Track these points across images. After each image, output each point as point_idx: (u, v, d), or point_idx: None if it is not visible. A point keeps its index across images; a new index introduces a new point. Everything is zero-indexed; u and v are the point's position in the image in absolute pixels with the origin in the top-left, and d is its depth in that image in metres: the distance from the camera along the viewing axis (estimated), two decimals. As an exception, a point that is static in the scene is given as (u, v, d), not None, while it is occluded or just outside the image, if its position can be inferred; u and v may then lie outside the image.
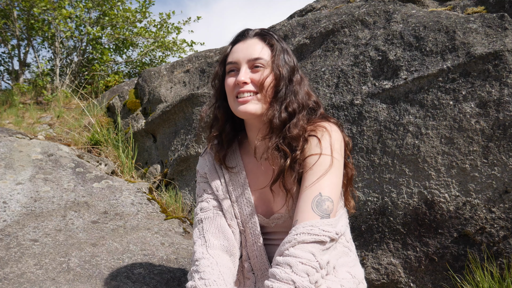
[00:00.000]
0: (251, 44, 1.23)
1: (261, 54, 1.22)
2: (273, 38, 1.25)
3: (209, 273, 1.14)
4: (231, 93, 1.23)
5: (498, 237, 1.67)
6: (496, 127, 1.68)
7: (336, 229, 1.09)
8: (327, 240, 1.07)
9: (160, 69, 3.67)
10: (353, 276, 1.22)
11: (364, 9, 2.27)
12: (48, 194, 2.54)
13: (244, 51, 1.22)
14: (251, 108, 1.20)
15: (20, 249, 1.97)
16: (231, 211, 1.30)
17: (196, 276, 1.14)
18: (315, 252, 1.05)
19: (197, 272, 1.15)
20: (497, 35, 1.77)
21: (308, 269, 1.02)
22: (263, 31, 1.27)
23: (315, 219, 1.08)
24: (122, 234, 2.23)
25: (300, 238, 1.06)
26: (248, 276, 1.32)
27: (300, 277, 1.01)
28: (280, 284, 1.01)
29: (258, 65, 1.21)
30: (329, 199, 1.11)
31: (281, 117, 1.19)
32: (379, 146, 1.93)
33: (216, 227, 1.27)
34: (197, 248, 1.24)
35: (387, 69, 1.99)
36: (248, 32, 1.27)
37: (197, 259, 1.20)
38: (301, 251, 1.04)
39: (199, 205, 1.33)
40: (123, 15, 6.39)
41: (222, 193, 1.31)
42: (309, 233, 1.06)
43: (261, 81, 1.19)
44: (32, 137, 3.40)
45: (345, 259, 1.26)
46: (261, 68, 1.21)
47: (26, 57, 6.65)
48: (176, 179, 3.07)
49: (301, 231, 1.07)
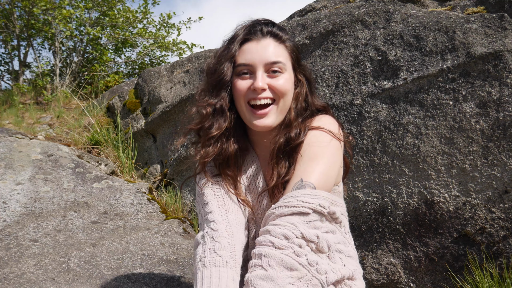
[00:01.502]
0: (266, 45, 1.14)
1: (278, 57, 1.13)
2: (287, 36, 1.19)
3: (224, 248, 1.05)
4: (243, 98, 1.15)
5: (498, 237, 1.67)
6: (496, 127, 1.68)
7: (319, 201, 1.00)
8: (308, 212, 0.98)
9: (160, 69, 3.67)
10: (343, 264, 1.13)
11: (364, 9, 2.27)
12: (48, 194, 2.54)
13: (260, 53, 1.13)
14: (269, 121, 1.13)
15: (20, 249, 1.97)
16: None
17: (210, 244, 1.06)
18: (296, 223, 0.97)
19: (212, 240, 1.07)
20: (497, 35, 1.77)
21: (287, 232, 0.95)
22: (274, 30, 1.17)
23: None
24: (122, 234, 2.23)
25: (278, 211, 1.00)
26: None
27: (278, 239, 0.95)
28: (260, 247, 0.95)
29: (276, 69, 1.13)
30: (310, 184, 1.04)
31: (294, 118, 1.16)
32: (379, 146, 1.93)
33: (231, 196, 1.20)
34: (213, 208, 1.14)
35: (387, 69, 1.99)
36: (261, 30, 1.16)
37: (214, 221, 1.10)
38: (280, 221, 0.98)
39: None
40: (123, 15, 6.39)
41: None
42: (286, 205, 0.99)
43: (281, 88, 1.13)
44: (32, 137, 3.40)
45: (343, 248, 1.19)
46: (279, 73, 1.14)
47: (26, 57, 6.66)
48: (176, 179, 3.07)
49: (279, 204, 1.01)
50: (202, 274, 1.02)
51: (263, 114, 1.13)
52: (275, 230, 0.96)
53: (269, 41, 1.15)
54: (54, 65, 6.31)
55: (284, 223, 0.97)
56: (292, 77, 1.19)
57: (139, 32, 6.65)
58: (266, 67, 1.13)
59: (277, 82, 1.13)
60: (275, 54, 1.14)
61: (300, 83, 1.21)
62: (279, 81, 1.13)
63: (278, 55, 1.14)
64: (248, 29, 1.17)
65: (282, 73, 1.14)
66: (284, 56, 1.16)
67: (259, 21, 1.19)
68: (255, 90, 1.12)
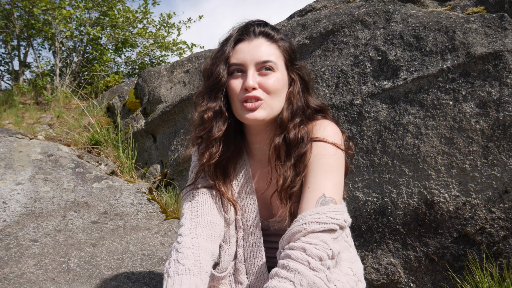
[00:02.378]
0: (257, 45, 1.16)
1: (270, 56, 1.15)
2: (279, 35, 1.20)
3: (187, 257, 1.09)
4: (237, 97, 1.16)
5: (498, 237, 1.67)
6: (496, 127, 1.68)
7: (343, 216, 1.07)
8: (336, 228, 1.04)
9: (160, 69, 3.67)
10: (354, 273, 1.20)
11: (364, 9, 2.27)
12: (48, 194, 2.54)
13: (251, 52, 1.15)
14: (260, 115, 1.14)
15: (20, 249, 1.97)
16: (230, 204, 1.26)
17: (174, 256, 1.10)
18: (327, 241, 1.02)
19: (176, 252, 1.11)
20: (497, 35, 1.77)
21: (322, 254, 1.00)
22: (267, 30, 1.19)
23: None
24: (122, 234, 2.23)
25: (310, 227, 1.03)
26: (241, 280, 1.27)
27: (314, 260, 0.99)
28: (295, 263, 0.99)
29: (267, 67, 1.15)
30: (333, 200, 1.09)
31: (287, 118, 1.16)
32: (379, 146, 1.93)
33: (210, 206, 1.22)
34: (185, 221, 1.18)
35: (387, 69, 1.99)
36: (253, 30, 1.18)
37: (181, 234, 1.15)
38: (313, 239, 1.02)
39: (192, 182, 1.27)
40: (123, 15, 6.39)
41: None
42: (318, 221, 1.03)
43: (270, 86, 1.14)
44: (32, 137, 3.40)
45: (347, 254, 1.24)
46: (270, 71, 1.15)
47: (26, 57, 6.66)
48: (176, 179, 3.07)
49: (309, 219, 1.04)
50: (167, 283, 1.06)
51: (253, 108, 1.14)
52: (312, 250, 1.00)
53: (261, 41, 1.17)
54: (54, 65, 6.31)
55: (318, 242, 1.02)
56: (285, 76, 1.19)
57: (139, 32, 6.65)
58: (257, 66, 1.15)
59: (268, 80, 1.15)
60: (266, 53, 1.15)
61: (294, 82, 1.21)
62: (270, 79, 1.15)
63: (270, 54, 1.16)
64: (241, 30, 1.19)
65: (274, 71, 1.16)
66: (276, 55, 1.17)
67: (252, 22, 1.20)
68: (246, 89, 1.14)
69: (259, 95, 1.14)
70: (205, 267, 1.10)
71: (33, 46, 6.58)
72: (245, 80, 1.14)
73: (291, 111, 1.18)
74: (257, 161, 1.28)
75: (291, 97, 1.19)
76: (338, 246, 1.07)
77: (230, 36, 1.20)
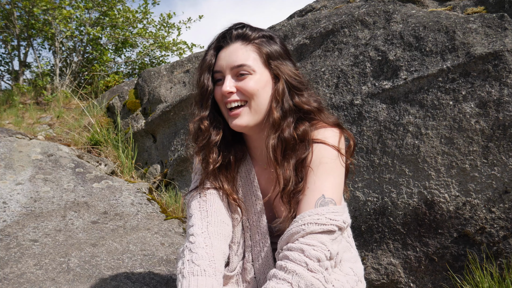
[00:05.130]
0: (233, 50, 1.17)
1: (245, 60, 1.15)
2: (258, 34, 1.19)
3: (202, 258, 1.08)
4: (222, 104, 1.19)
5: (498, 237, 1.67)
6: (496, 127, 1.68)
7: (342, 217, 1.08)
8: (335, 230, 1.05)
9: (160, 69, 3.68)
10: (355, 273, 1.20)
11: (364, 9, 2.27)
12: (48, 194, 2.54)
13: (226, 59, 1.17)
14: (242, 121, 1.16)
15: (20, 249, 1.97)
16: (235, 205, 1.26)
17: (188, 256, 1.10)
18: (326, 242, 1.03)
19: (190, 252, 1.10)
20: (497, 35, 1.77)
21: (320, 255, 1.01)
22: (244, 31, 1.19)
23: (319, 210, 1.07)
24: (122, 234, 2.23)
25: (308, 228, 1.04)
26: (248, 280, 1.27)
27: (312, 261, 1.00)
28: (293, 264, 1.00)
29: (243, 72, 1.15)
30: (332, 201, 1.09)
31: (278, 117, 1.15)
32: (379, 146, 1.93)
33: (219, 206, 1.23)
34: (195, 221, 1.18)
35: (387, 69, 1.99)
36: (230, 35, 1.19)
37: (193, 234, 1.14)
38: (312, 240, 1.03)
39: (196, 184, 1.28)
40: (123, 15, 6.39)
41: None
42: (317, 223, 1.04)
43: (247, 89, 1.15)
44: (32, 137, 3.40)
45: (348, 255, 1.25)
46: (247, 74, 1.15)
47: (26, 57, 6.65)
48: (176, 179, 3.07)
49: (308, 220, 1.05)
50: (182, 284, 1.05)
51: (235, 115, 1.17)
52: (310, 251, 1.01)
53: (236, 46, 1.18)
54: (54, 65, 6.31)
55: (316, 243, 1.03)
56: (265, 76, 1.18)
57: (139, 32, 6.65)
58: (233, 71, 1.16)
59: (245, 84, 1.15)
60: (241, 57, 1.16)
61: (278, 80, 1.19)
62: (247, 82, 1.15)
63: (245, 58, 1.16)
64: (219, 37, 1.22)
65: (251, 74, 1.16)
66: (252, 57, 1.17)
67: (231, 26, 1.22)
68: (224, 94, 1.16)
69: (239, 98, 1.16)
70: (219, 268, 1.11)
71: (33, 46, 6.58)
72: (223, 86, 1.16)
73: (281, 109, 1.17)
74: (260, 163, 1.29)
75: (277, 95, 1.18)
76: (337, 246, 1.08)
77: (211, 44, 1.23)
